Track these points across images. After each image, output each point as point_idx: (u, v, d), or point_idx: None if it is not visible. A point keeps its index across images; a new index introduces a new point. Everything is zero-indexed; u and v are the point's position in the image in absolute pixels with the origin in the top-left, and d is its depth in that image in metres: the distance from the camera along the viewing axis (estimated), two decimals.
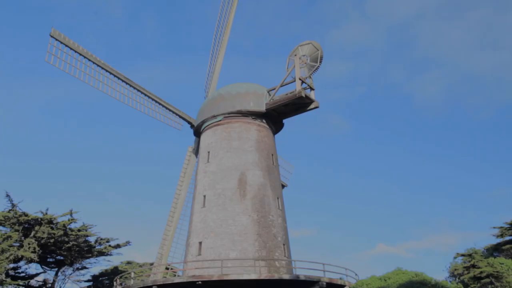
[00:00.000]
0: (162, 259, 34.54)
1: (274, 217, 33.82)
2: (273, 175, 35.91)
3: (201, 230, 33.07)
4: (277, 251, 32.48)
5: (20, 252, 35.87)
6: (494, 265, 30.29)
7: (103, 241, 43.80)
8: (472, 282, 30.94)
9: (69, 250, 40.16)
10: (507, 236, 34.87)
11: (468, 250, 34.50)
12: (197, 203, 34.83)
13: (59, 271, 43.61)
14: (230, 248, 31.43)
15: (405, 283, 26.73)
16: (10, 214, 37.01)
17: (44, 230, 37.53)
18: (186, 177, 38.33)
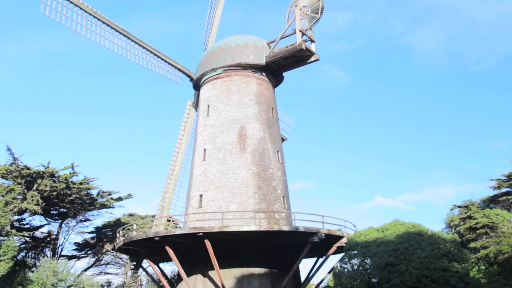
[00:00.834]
0: (163, 212, 35.12)
1: (274, 170, 34.12)
2: (273, 129, 35.95)
3: (202, 183, 33.45)
4: (277, 204, 32.98)
5: (23, 205, 36.43)
6: (490, 216, 30.81)
7: (105, 194, 44.36)
8: (467, 233, 31.58)
9: (71, 202, 40.74)
10: (504, 188, 35.29)
11: (465, 202, 35.01)
12: (197, 156, 35.05)
13: (62, 223, 44.42)
14: (230, 201, 31.90)
15: (402, 234, 27.28)
16: (12, 168, 37.29)
17: (47, 183, 37.94)
18: (186, 130, 38.38)
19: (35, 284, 33.76)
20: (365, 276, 25.79)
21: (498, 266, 28.36)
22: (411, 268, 23.98)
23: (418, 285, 23.34)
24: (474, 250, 29.40)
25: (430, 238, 26.59)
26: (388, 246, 25.98)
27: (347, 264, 27.39)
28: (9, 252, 32.10)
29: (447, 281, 23.17)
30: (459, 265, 24.53)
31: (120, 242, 31.68)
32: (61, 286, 36.19)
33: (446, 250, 25.28)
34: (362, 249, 27.07)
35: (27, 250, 42.36)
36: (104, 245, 46.55)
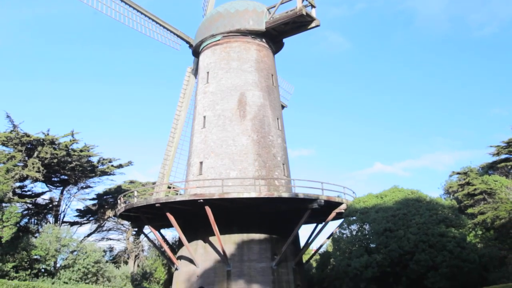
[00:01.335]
0: (164, 179, 35.34)
1: (274, 137, 34.16)
2: (273, 96, 35.81)
3: (202, 150, 33.54)
4: (277, 171, 33.16)
5: (25, 172, 36.63)
6: (488, 182, 31.02)
7: (106, 161, 44.54)
8: (465, 199, 31.85)
9: (72, 170, 40.96)
10: (503, 154, 35.37)
11: (463, 168, 35.11)
12: (197, 124, 35.03)
13: (64, 190, 44.78)
14: (231, 168, 32.06)
15: (401, 200, 27.57)
16: (12, 135, 37.32)
17: (47, 150, 38.05)
18: (185, 98, 38.22)
19: (38, 249, 34.29)
20: (364, 242, 26.20)
21: (495, 231, 28.75)
22: (409, 234, 24.33)
23: (415, 250, 23.73)
24: (472, 216, 29.72)
25: (428, 204, 26.88)
26: (386, 212, 26.29)
27: (346, 230, 27.77)
28: (12, 218, 32.46)
29: (444, 246, 23.54)
30: (456, 231, 24.88)
31: (121, 209, 32.02)
32: (64, 251, 36.77)
33: (443, 216, 25.59)
34: (361, 215, 27.41)
35: (29, 216, 42.85)
36: (106, 211, 47.08)
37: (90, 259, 36.95)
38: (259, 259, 30.31)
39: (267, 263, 30.31)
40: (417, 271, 23.66)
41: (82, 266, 36.34)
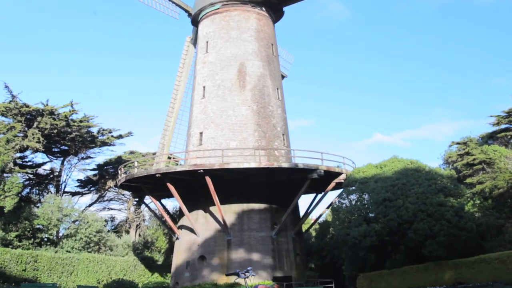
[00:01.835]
0: (164, 149, 35.41)
1: (274, 108, 34.07)
2: (272, 66, 35.53)
3: (202, 120, 33.50)
4: (277, 141, 33.20)
5: (25, 142, 36.68)
6: (487, 152, 31.08)
7: (106, 132, 44.54)
8: (464, 169, 31.97)
9: (72, 140, 41.00)
10: (503, 124, 35.31)
11: (463, 138, 35.12)
12: (197, 94, 34.87)
13: (64, 160, 44.93)
14: (231, 138, 32.09)
15: (400, 170, 27.68)
16: (11, 105, 37.19)
17: (47, 121, 38.00)
18: (185, 68, 37.92)
19: (40, 219, 34.68)
20: (363, 211, 26.45)
21: (493, 201, 28.98)
22: (407, 203, 24.53)
23: (414, 219, 23.97)
24: (470, 186, 29.90)
25: (428, 174, 27.00)
26: (386, 182, 26.44)
27: (345, 200, 28.00)
28: (13, 188, 32.72)
29: (442, 215, 23.77)
30: (454, 200, 25.08)
31: (122, 179, 32.20)
32: (66, 221, 37.20)
33: (442, 186, 25.75)
34: (360, 185, 27.58)
35: (31, 186, 43.13)
36: (106, 182, 47.35)
37: (92, 229, 37.44)
38: (259, 228, 30.66)
39: (267, 232, 30.69)
40: (415, 240, 23.96)
41: (84, 235, 36.85)
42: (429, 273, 24.08)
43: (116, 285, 24.59)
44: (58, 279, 31.87)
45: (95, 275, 34.56)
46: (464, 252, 24.25)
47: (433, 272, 23.98)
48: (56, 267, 32.23)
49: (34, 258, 30.90)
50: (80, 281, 32.48)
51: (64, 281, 32.24)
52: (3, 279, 27.88)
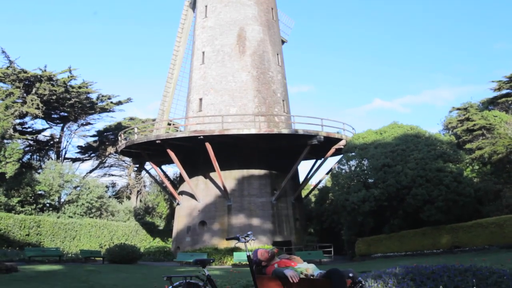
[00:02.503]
0: (163, 115, 35.31)
1: (274, 73, 33.79)
2: (272, 30, 35.04)
3: (201, 86, 33.28)
4: (277, 107, 33.08)
5: (24, 108, 36.59)
6: (487, 117, 31.04)
7: (105, 98, 44.35)
8: (464, 134, 31.99)
9: (72, 106, 40.86)
10: (504, 89, 35.14)
11: (463, 104, 34.99)
12: (196, 59, 34.52)
13: (64, 127, 44.92)
14: (230, 104, 31.97)
15: (400, 136, 27.69)
16: (9, 71, 36.91)
17: (45, 87, 37.78)
18: (184, 33, 37.38)
19: (42, 185, 34.93)
20: (362, 177, 26.60)
21: (491, 166, 29.12)
22: (406, 169, 24.64)
23: (412, 185, 24.13)
24: (470, 151, 29.99)
25: (427, 140, 27.02)
26: (385, 148, 26.49)
27: (344, 166, 28.10)
28: (14, 154, 32.82)
29: (441, 180, 23.91)
30: (453, 166, 25.18)
31: (122, 145, 32.25)
32: (67, 187, 37.48)
33: (442, 151, 25.80)
34: (360, 151, 27.64)
35: (31, 153, 43.28)
36: (107, 148, 47.46)
37: (93, 194, 37.76)
38: (259, 194, 30.92)
39: (267, 198, 30.96)
40: (414, 205, 24.19)
41: (85, 201, 37.19)
42: (426, 237, 24.42)
43: (118, 249, 24.92)
44: (61, 243, 32.36)
45: (98, 239, 35.08)
46: (461, 217, 24.52)
47: (430, 237, 24.32)
48: (58, 232, 32.67)
49: (37, 223, 31.29)
50: (82, 246, 33.01)
51: (67, 245, 32.75)
52: (7, 243, 28.32)
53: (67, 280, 15.06)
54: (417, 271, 11.17)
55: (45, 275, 16.17)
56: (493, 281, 9.98)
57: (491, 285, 9.84)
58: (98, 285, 14.17)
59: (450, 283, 10.00)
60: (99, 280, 15.29)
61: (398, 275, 11.02)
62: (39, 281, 14.64)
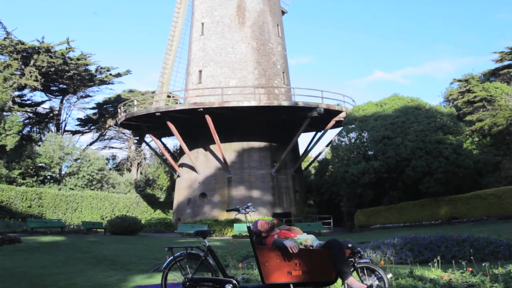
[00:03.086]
0: (163, 87, 35.12)
1: (274, 45, 33.47)
2: (272, 1, 34.55)
3: (201, 58, 33.02)
4: (277, 79, 32.89)
5: (22, 81, 36.40)
6: (488, 89, 30.90)
7: (104, 70, 44.03)
8: (465, 106, 31.91)
9: (70, 78, 40.63)
10: (506, 60, 34.86)
11: (465, 76, 34.70)
12: (195, 31, 34.13)
13: (63, 99, 44.78)
14: (230, 76, 31.77)
15: (400, 108, 27.63)
16: (6, 42, 36.57)
17: (43, 58, 37.50)
18: (182, 3, 36.78)
19: (42, 157, 35.04)
20: (362, 149, 26.66)
21: (491, 138, 29.16)
22: (406, 141, 24.67)
23: (412, 157, 24.20)
24: (470, 123, 29.96)
25: (428, 112, 26.98)
26: (385, 120, 26.46)
27: (344, 138, 28.13)
28: (14, 127, 32.82)
29: (440, 152, 23.97)
30: (453, 138, 25.21)
31: (121, 118, 32.20)
32: (68, 159, 37.61)
33: (442, 123, 25.79)
34: (360, 123, 27.62)
35: (31, 125, 43.28)
36: (107, 120, 47.41)
37: (94, 167, 37.92)
38: (259, 166, 31.05)
39: (266, 170, 31.10)
40: (413, 177, 24.31)
41: (86, 173, 37.38)
42: (425, 208, 24.64)
43: (119, 221, 25.17)
44: (63, 215, 32.67)
45: (99, 211, 35.39)
46: (460, 188, 24.68)
47: (429, 208, 24.53)
48: (60, 203, 32.94)
49: (39, 195, 31.52)
50: (84, 217, 33.32)
51: (69, 217, 33.07)
52: (10, 215, 28.59)
53: (70, 251, 15.27)
54: (415, 241, 11.37)
55: (48, 246, 16.38)
56: (490, 251, 10.17)
57: (488, 255, 10.02)
58: (100, 255, 14.37)
59: (448, 253, 10.17)
60: (101, 251, 15.50)
61: (397, 246, 11.21)
62: (42, 251, 14.85)
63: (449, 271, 7.62)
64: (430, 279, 7.17)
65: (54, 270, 11.16)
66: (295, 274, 5.51)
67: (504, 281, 6.61)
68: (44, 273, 10.53)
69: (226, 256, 11.91)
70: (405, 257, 10.36)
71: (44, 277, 9.89)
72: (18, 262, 12.35)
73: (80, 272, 10.88)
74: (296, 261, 5.50)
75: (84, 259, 13.45)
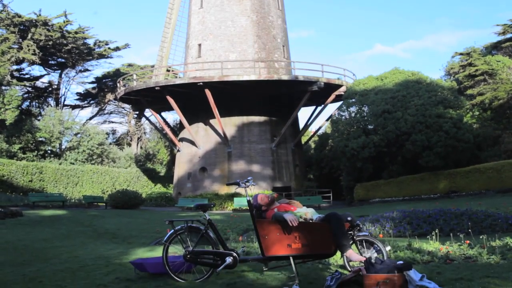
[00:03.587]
0: (162, 62, 34.84)
1: (274, 18, 33.07)
2: None
3: (200, 32, 32.67)
4: (277, 53, 32.62)
5: (20, 54, 36.10)
6: (490, 63, 30.65)
7: (102, 44, 43.61)
8: (466, 80, 31.72)
9: (69, 52, 40.29)
10: (509, 33, 34.49)
11: (467, 49, 34.38)
12: (194, 4, 33.67)
13: (62, 73, 44.50)
14: (230, 50, 31.50)
15: (401, 82, 27.49)
16: (3, 15, 36.12)
17: (41, 32, 37.11)
18: None
19: (42, 132, 35.04)
20: (362, 123, 26.63)
21: (492, 112, 29.11)
22: (407, 115, 24.63)
23: (412, 131, 24.20)
24: (471, 97, 29.85)
25: (428, 85, 26.85)
26: (386, 94, 26.36)
27: (344, 112, 28.07)
28: (13, 101, 32.73)
29: (440, 126, 23.95)
30: (453, 112, 25.16)
31: (121, 92, 32.06)
32: (68, 134, 37.61)
33: (442, 97, 25.70)
34: (360, 97, 27.51)
35: (30, 100, 43.14)
36: (106, 95, 47.22)
37: (94, 141, 37.95)
38: (259, 140, 31.06)
39: (266, 144, 31.13)
40: (413, 151, 24.36)
41: (86, 148, 37.42)
42: (424, 182, 24.77)
43: (120, 195, 25.33)
44: (64, 189, 32.85)
45: (100, 186, 35.58)
46: (459, 162, 24.77)
47: (428, 182, 24.66)
48: (61, 178, 33.09)
49: (39, 170, 31.64)
50: (85, 191, 33.52)
51: (70, 191, 33.26)
52: (11, 189, 28.76)
53: (72, 224, 15.42)
54: (414, 215, 11.46)
55: (50, 219, 16.53)
56: (488, 224, 10.25)
57: (486, 227, 10.10)
58: (102, 229, 14.51)
59: (446, 226, 10.25)
60: (103, 225, 15.65)
61: (395, 219, 11.29)
62: (44, 225, 14.99)
63: (447, 244, 7.71)
64: (428, 251, 7.26)
65: (56, 243, 11.29)
66: (295, 247, 5.57)
67: (501, 253, 6.70)
68: (46, 246, 10.65)
69: (227, 230, 12.02)
70: (404, 230, 10.45)
71: (47, 250, 10.01)
72: (20, 235, 12.49)
73: (81, 245, 11.00)
74: (295, 234, 5.55)
75: (85, 233, 13.59)
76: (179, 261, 6.13)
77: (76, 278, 6.49)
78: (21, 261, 8.42)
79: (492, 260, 6.38)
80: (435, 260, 6.75)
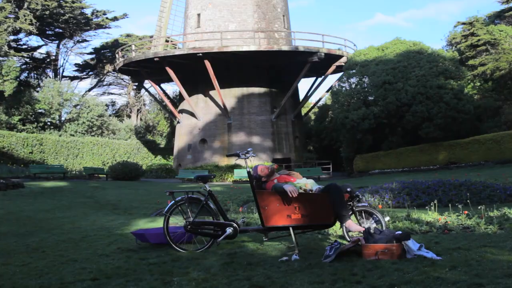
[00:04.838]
0: (161, 32, 34.46)
1: None
2: None
3: (199, 1, 32.21)
4: (277, 23, 32.21)
5: (17, 24, 35.64)
6: (493, 32, 30.26)
7: (100, 13, 43.02)
8: (468, 50, 31.39)
9: (66, 22, 39.78)
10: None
11: (469, 18, 33.87)
12: None
13: (60, 44, 44.05)
14: (229, 20, 31.10)
15: (402, 52, 27.22)
16: None
17: (37, 1, 36.55)
18: None
19: (42, 103, 34.93)
20: (362, 94, 26.49)
21: (493, 83, 28.92)
22: (407, 86, 24.49)
23: (412, 102, 24.10)
24: (472, 68, 29.60)
25: (430, 56, 26.60)
26: (386, 65, 26.14)
27: (345, 83, 27.89)
28: (11, 72, 32.51)
29: (441, 97, 23.85)
30: (454, 82, 25.00)
31: (120, 63, 31.80)
32: (67, 105, 37.50)
33: (444, 68, 25.49)
34: (361, 68, 27.30)
35: (28, 71, 42.82)
36: (105, 66, 46.85)
37: (93, 113, 37.88)
38: (259, 112, 30.99)
39: (266, 116, 31.07)
40: (413, 122, 24.31)
41: (86, 119, 37.38)
42: (424, 154, 24.81)
43: (121, 166, 25.43)
44: (64, 161, 32.95)
45: (100, 157, 35.68)
46: (459, 133, 24.76)
47: (427, 153, 24.70)
48: (61, 150, 33.15)
49: (40, 141, 31.67)
50: (85, 163, 33.63)
51: (70, 163, 33.37)
52: (12, 160, 28.86)
53: (73, 196, 15.54)
54: (413, 186, 11.52)
55: (51, 191, 16.65)
56: (486, 195, 10.32)
57: (484, 198, 10.18)
58: (103, 200, 14.63)
59: (445, 197, 10.33)
60: (104, 196, 15.77)
61: (395, 190, 11.36)
62: (46, 196, 15.10)
63: (446, 214, 7.79)
64: (426, 222, 7.34)
65: (58, 214, 11.41)
66: (295, 217, 5.62)
67: (499, 223, 6.77)
68: (48, 217, 10.76)
69: (227, 201, 12.12)
70: (403, 201, 10.53)
71: (49, 221, 10.11)
72: (22, 206, 12.60)
73: (83, 216, 11.11)
74: (295, 205, 5.60)
75: (87, 204, 13.71)
76: (179, 232, 6.20)
77: (78, 248, 6.58)
78: (24, 232, 8.53)
79: (490, 230, 6.45)
80: (433, 230, 6.82)
